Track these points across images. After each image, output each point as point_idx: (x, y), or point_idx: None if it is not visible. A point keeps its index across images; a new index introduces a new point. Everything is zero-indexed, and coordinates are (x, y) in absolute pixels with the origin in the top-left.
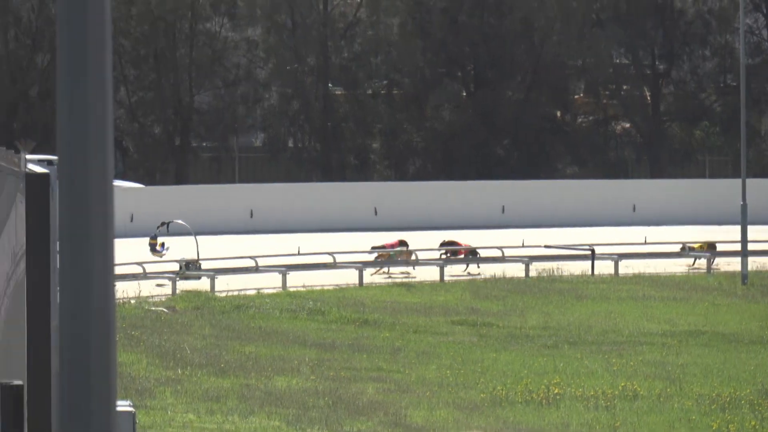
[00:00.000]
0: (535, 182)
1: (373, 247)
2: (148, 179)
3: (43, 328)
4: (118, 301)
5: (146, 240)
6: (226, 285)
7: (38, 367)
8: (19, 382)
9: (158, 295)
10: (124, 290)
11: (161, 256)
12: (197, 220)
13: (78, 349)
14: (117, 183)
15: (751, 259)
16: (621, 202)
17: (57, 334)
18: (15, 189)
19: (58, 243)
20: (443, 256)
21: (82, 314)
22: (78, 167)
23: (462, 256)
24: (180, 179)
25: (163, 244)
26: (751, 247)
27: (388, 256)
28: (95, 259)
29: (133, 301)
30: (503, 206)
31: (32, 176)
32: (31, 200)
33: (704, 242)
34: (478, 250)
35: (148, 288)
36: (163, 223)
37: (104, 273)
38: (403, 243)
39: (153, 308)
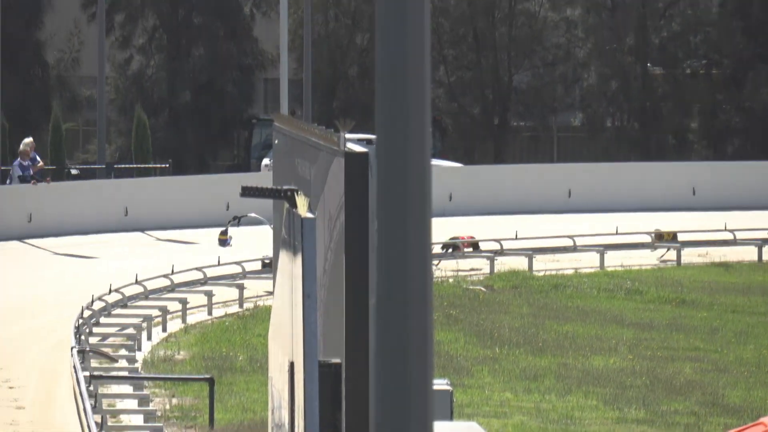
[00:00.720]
0: None
1: (451, 239)
2: (467, 158)
3: (361, 306)
4: (435, 279)
5: (463, 219)
6: (543, 264)
7: (356, 345)
8: (338, 360)
9: (476, 274)
10: (442, 269)
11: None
12: (514, 198)
13: (395, 327)
14: (435, 162)
15: None
16: None
17: (375, 312)
18: (330, 166)
19: (376, 222)
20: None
21: (399, 293)
22: (396, 146)
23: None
24: (498, 158)
25: (230, 237)
26: None
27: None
28: (412, 237)
29: (451, 280)
30: None
31: (351, 155)
32: (350, 179)
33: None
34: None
35: (465, 267)
36: (235, 218)
37: (421, 252)
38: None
39: (471, 287)
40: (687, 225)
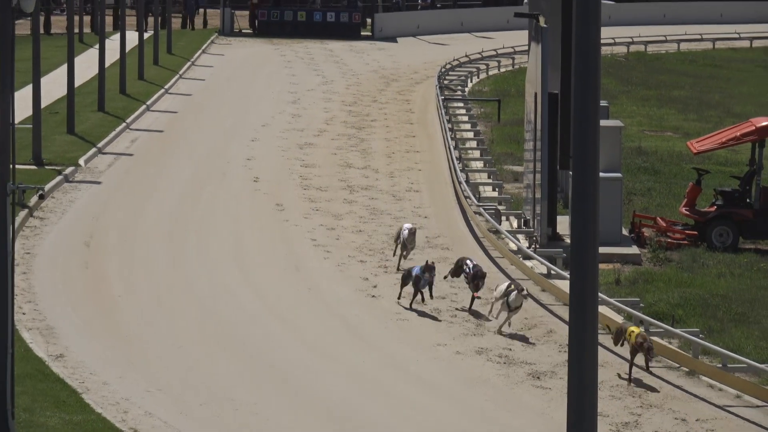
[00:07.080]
0: None
1: None
2: None
3: (569, 52)
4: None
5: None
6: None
7: (566, 80)
8: (556, 92)
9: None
10: None
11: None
12: None
13: (587, 63)
14: None
15: None
16: None
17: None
18: None
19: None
20: None
21: (586, 45)
22: None
23: None
24: None
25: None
26: None
27: None
28: (591, 11)
29: (609, 54)
30: None
31: None
32: None
33: None
34: None
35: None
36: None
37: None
38: None
39: (617, 59)
40: None
